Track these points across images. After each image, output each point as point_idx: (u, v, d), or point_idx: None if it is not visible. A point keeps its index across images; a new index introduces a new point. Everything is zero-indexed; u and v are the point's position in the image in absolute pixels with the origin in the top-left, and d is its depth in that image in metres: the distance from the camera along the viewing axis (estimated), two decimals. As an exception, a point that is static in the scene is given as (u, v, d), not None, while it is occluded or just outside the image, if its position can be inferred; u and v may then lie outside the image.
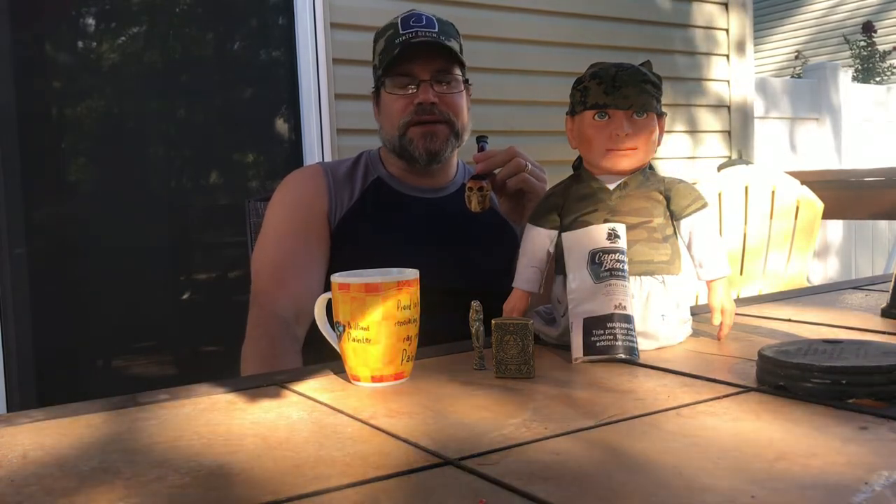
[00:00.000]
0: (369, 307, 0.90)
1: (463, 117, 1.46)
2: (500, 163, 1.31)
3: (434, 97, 1.42)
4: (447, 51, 1.41)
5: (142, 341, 2.80)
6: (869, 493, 0.56)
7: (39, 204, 2.57)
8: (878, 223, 5.12)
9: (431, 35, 1.41)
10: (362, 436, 0.73)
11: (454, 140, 1.45)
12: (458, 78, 1.46)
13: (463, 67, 1.47)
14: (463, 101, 1.47)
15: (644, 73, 1.05)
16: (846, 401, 0.76)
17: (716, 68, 4.10)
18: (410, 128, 1.43)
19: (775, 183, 2.82)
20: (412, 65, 1.42)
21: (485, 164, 1.30)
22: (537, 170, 1.35)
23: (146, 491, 0.62)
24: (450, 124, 1.44)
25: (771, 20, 10.37)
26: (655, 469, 0.62)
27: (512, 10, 3.39)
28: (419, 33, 1.41)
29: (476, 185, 1.24)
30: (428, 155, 1.43)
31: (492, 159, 1.30)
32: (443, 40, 1.41)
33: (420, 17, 1.44)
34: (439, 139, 1.43)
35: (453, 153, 1.49)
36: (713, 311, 1.06)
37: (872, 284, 1.54)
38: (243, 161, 3.02)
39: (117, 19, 2.75)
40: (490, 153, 1.31)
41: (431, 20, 1.45)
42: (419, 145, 1.43)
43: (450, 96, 1.44)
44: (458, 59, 1.44)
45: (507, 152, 1.31)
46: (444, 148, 1.44)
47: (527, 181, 1.32)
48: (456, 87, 1.45)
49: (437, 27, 1.44)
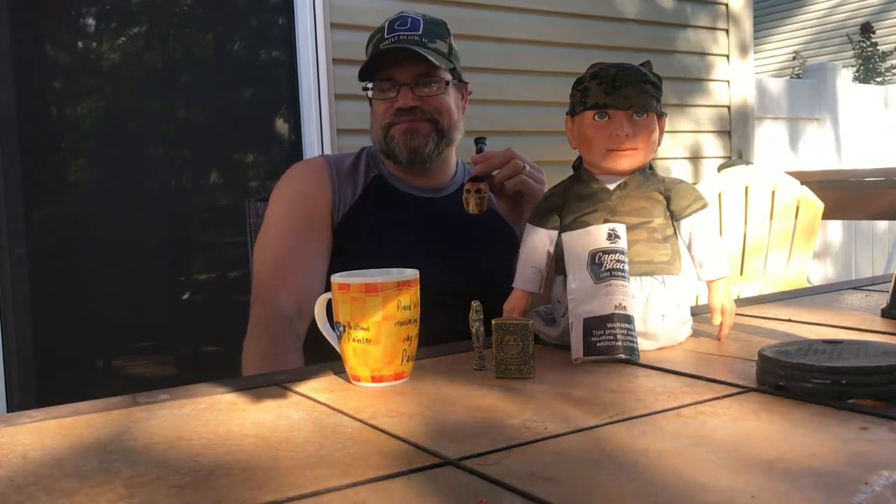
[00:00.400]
0: (369, 307, 0.90)
1: (450, 115, 1.45)
2: (499, 164, 1.31)
3: (414, 101, 1.42)
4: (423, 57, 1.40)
5: (142, 341, 2.80)
6: (869, 493, 0.56)
7: (39, 204, 2.57)
8: (878, 223, 5.12)
9: (413, 38, 1.41)
10: (362, 436, 0.73)
11: (437, 137, 1.45)
12: (441, 79, 1.45)
13: (453, 66, 1.46)
14: (449, 100, 1.46)
15: (644, 73, 1.05)
16: (846, 401, 0.76)
17: (716, 69, 4.10)
18: (392, 127, 1.44)
19: (775, 183, 2.82)
20: (392, 70, 1.42)
21: (483, 165, 1.30)
22: (535, 171, 1.35)
23: (146, 491, 0.62)
24: (433, 122, 1.44)
25: (771, 20, 10.38)
26: (655, 469, 0.62)
27: (512, 10, 3.39)
28: (400, 37, 1.41)
29: (474, 187, 1.25)
30: (409, 152, 1.43)
31: (490, 161, 1.30)
32: (425, 43, 1.41)
33: (405, 20, 1.44)
34: (420, 135, 1.43)
35: (444, 152, 1.48)
36: (713, 311, 1.06)
37: (872, 285, 1.54)
38: (243, 161, 3.02)
39: (117, 19, 2.75)
40: (488, 155, 1.32)
41: (417, 22, 1.44)
42: (400, 142, 1.43)
43: (432, 98, 1.43)
44: (441, 62, 1.43)
45: (505, 154, 1.31)
46: (424, 144, 1.43)
47: (525, 183, 1.32)
48: (439, 89, 1.44)
49: (421, 29, 1.43)
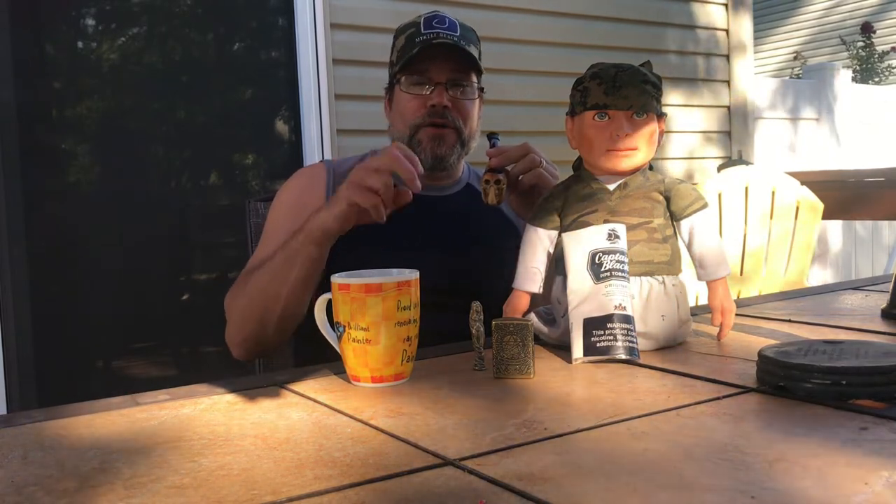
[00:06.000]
0: (369, 308, 0.90)
1: (472, 125, 1.46)
2: (514, 158, 1.29)
3: (447, 101, 1.41)
4: (466, 55, 1.40)
5: (142, 341, 2.80)
6: (869, 493, 0.56)
7: (39, 204, 2.57)
8: (878, 223, 5.12)
9: (452, 38, 1.41)
10: (362, 436, 0.73)
11: (460, 148, 1.45)
12: (473, 84, 1.45)
13: (480, 75, 1.47)
14: (475, 109, 1.47)
15: (644, 73, 1.05)
16: (846, 401, 0.76)
17: (716, 68, 4.10)
18: (421, 129, 1.43)
19: (775, 183, 2.82)
20: (430, 66, 1.41)
21: (499, 159, 1.28)
22: (550, 166, 1.35)
23: (146, 491, 0.62)
24: (458, 131, 1.44)
25: (771, 20, 10.37)
26: (655, 469, 0.62)
27: (512, 10, 3.39)
28: (440, 35, 1.40)
29: (493, 178, 1.21)
30: (434, 159, 1.43)
31: (506, 154, 1.29)
32: (463, 45, 1.41)
33: (443, 19, 1.44)
34: (447, 144, 1.43)
35: (459, 160, 1.49)
36: (713, 311, 1.06)
37: (872, 285, 1.54)
38: (243, 162, 3.02)
39: (117, 20, 2.75)
40: (503, 148, 1.30)
41: (454, 23, 1.44)
42: (427, 148, 1.43)
43: (463, 102, 1.43)
44: (476, 66, 1.44)
45: (521, 148, 1.30)
46: (450, 154, 1.44)
47: (542, 177, 1.30)
48: (470, 94, 1.44)
49: (458, 31, 1.43)
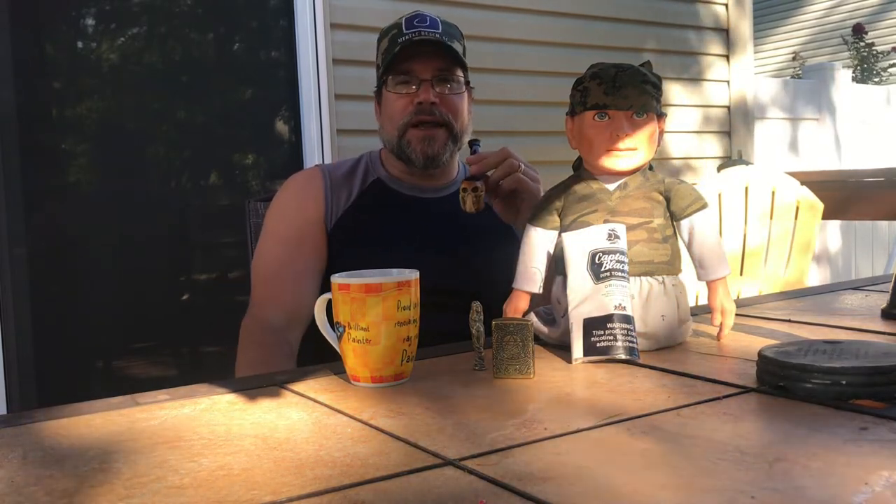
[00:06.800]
0: (369, 308, 0.90)
1: (462, 120, 1.47)
2: (494, 164, 1.31)
3: (434, 97, 1.42)
4: (449, 51, 1.42)
5: (142, 341, 2.80)
6: (869, 493, 0.56)
7: (39, 204, 2.57)
8: (878, 223, 5.12)
9: (435, 35, 1.42)
10: (362, 436, 0.73)
11: (452, 144, 1.46)
12: (459, 79, 1.46)
13: (465, 70, 1.47)
14: (464, 103, 1.47)
15: (644, 73, 1.05)
16: (846, 401, 0.76)
17: (716, 68, 4.10)
18: (410, 129, 1.43)
19: (775, 183, 2.82)
20: (414, 64, 1.42)
21: (478, 165, 1.30)
22: (530, 170, 1.36)
23: (146, 491, 0.62)
24: (448, 127, 1.44)
25: (771, 20, 10.38)
26: (655, 469, 0.62)
27: (512, 10, 3.39)
28: (422, 32, 1.41)
29: (470, 186, 1.25)
30: (425, 159, 1.44)
31: (485, 161, 1.30)
32: (446, 41, 1.42)
33: (424, 18, 1.45)
34: (437, 143, 1.44)
35: (453, 156, 1.50)
36: (713, 311, 1.06)
37: (872, 285, 1.54)
38: (243, 162, 3.02)
39: (117, 20, 2.75)
40: (483, 155, 1.32)
41: (436, 21, 1.45)
42: (417, 149, 1.43)
43: (450, 97, 1.44)
44: (461, 61, 1.45)
45: (500, 153, 1.31)
46: (441, 152, 1.44)
47: (521, 181, 1.32)
48: (457, 89, 1.45)
49: (440, 28, 1.44)
